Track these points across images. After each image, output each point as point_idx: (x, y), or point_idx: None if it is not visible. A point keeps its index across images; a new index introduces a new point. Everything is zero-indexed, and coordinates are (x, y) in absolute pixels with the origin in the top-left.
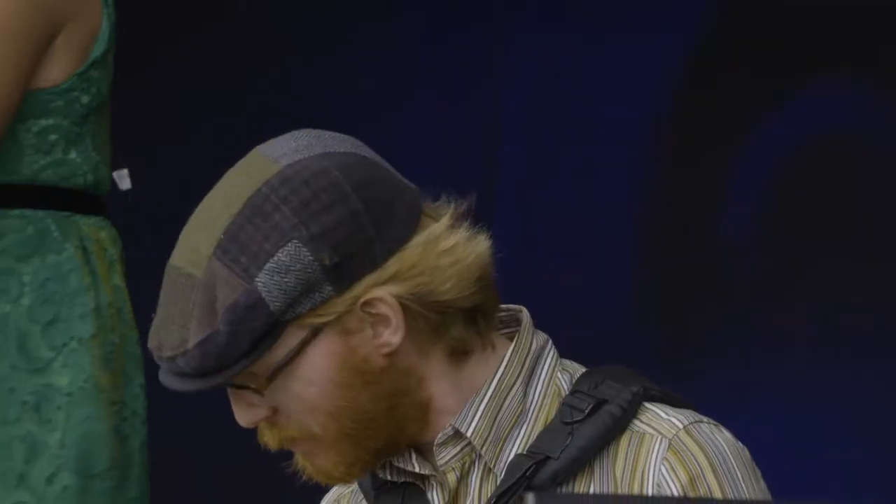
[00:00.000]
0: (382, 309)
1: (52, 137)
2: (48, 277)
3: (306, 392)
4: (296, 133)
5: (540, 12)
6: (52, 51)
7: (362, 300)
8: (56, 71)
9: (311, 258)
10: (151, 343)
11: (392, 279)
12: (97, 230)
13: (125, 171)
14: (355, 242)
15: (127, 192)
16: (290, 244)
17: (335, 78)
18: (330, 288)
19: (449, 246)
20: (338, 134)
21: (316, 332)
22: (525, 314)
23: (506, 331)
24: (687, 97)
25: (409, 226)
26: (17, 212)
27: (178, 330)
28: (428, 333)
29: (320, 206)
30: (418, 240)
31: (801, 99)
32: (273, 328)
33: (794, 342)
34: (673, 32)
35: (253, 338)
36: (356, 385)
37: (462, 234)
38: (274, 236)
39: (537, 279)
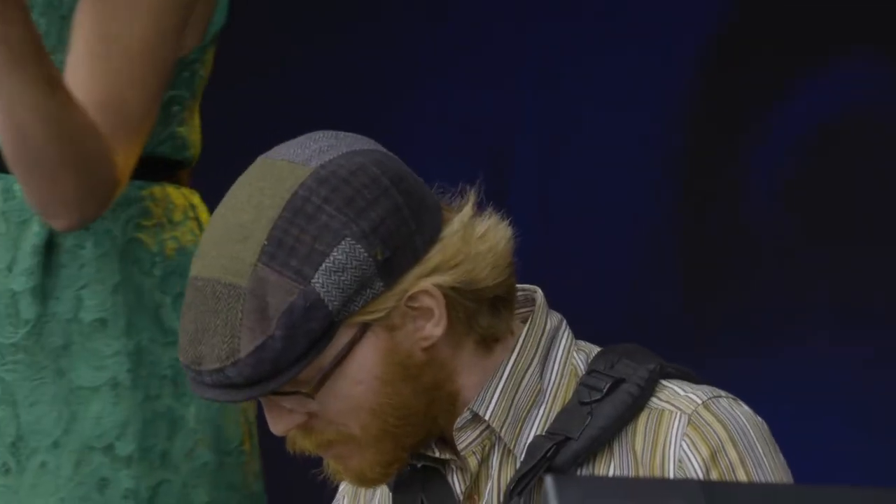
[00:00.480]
0: (426, 302)
1: (174, 109)
2: (175, 248)
3: (353, 391)
4: (311, 136)
5: None
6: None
7: (409, 293)
8: (187, 41)
9: (365, 254)
10: (185, 358)
11: (436, 270)
12: (202, 203)
13: None
14: (400, 236)
15: None
16: (343, 242)
17: (335, 78)
18: (381, 283)
19: (482, 232)
20: (350, 133)
21: (364, 329)
22: (539, 294)
23: (521, 311)
24: (708, 76)
25: (437, 215)
26: (139, 182)
27: (225, 341)
28: (463, 324)
29: (365, 202)
30: (452, 228)
31: (822, 76)
32: (329, 328)
33: (815, 324)
34: (694, 10)
35: (310, 340)
36: (399, 381)
37: (489, 220)
38: (325, 236)
39: (557, 264)
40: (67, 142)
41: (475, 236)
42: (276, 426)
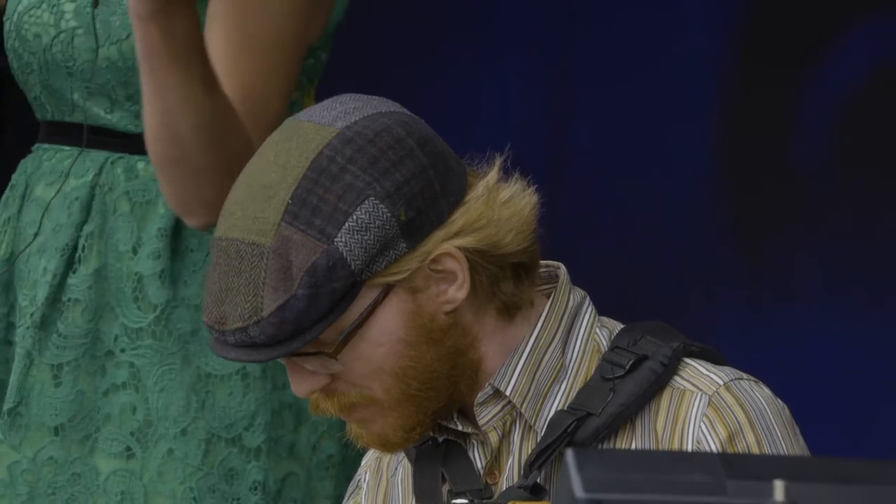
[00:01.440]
0: (449, 265)
1: (295, 95)
2: None
3: (375, 353)
4: (336, 98)
5: None
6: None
7: (432, 256)
8: (314, 29)
9: (388, 214)
10: (209, 318)
11: (459, 233)
12: None
13: None
14: (425, 197)
15: None
16: (367, 202)
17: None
18: (404, 244)
19: (507, 197)
20: (375, 96)
21: (387, 290)
22: (563, 270)
23: (543, 287)
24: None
25: (463, 179)
26: None
27: (248, 300)
28: (485, 290)
29: (389, 162)
30: (476, 192)
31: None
32: (352, 288)
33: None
34: None
35: (333, 299)
36: (422, 344)
37: (515, 185)
38: (349, 196)
39: (606, 208)
40: (218, 144)
41: (500, 201)
42: (299, 388)
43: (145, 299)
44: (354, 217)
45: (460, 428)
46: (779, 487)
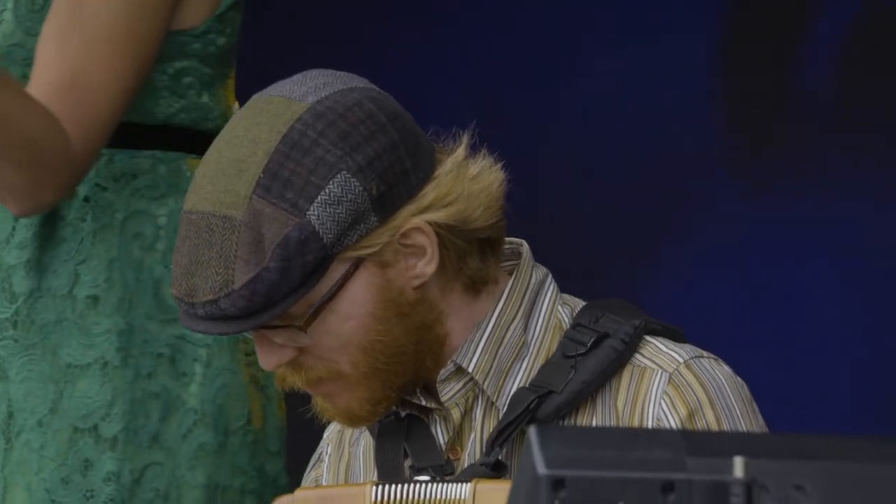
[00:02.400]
0: (419, 239)
1: (187, 80)
2: None
3: (344, 327)
4: (306, 73)
5: None
6: None
7: (402, 230)
8: (193, 12)
9: (360, 188)
10: (179, 291)
11: (429, 208)
12: None
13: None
14: (395, 172)
15: None
16: (339, 175)
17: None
18: (375, 218)
19: (476, 173)
20: (345, 72)
21: (357, 264)
22: (525, 248)
23: (507, 264)
24: None
25: (432, 155)
26: (148, 153)
27: (220, 272)
28: (453, 266)
29: (361, 137)
30: (445, 168)
31: None
32: (323, 261)
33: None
34: None
35: (304, 272)
36: (391, 318)
37: (483, 161)
38: (321, 169)
39: (600, 131)
40: (2, 133)
41: (469, 176)
42: (267, 361)
43: (10, 289)
44: (327, 190)
45: (423, 403)
46: (738, 463)
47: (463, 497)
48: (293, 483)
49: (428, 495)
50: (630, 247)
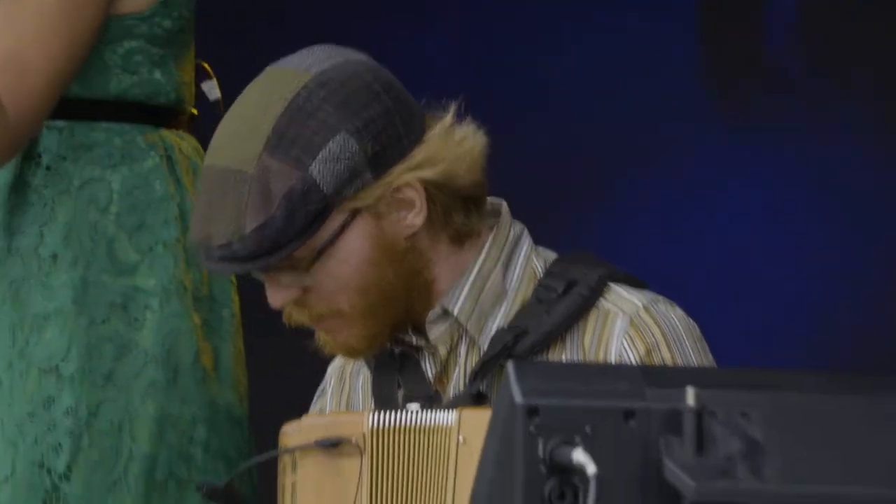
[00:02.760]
0: (409, 194)
1: (137, 59)
2: (135, 186)
3: (342, 270)
4: (311, 48)
5: None
6: None
7: (394, 185)
8: None
9: (357, 147)
10: (196, 236)
11: (419, 166)
12: (180, 141)
13: (213, 82)
14: (389, 135)
15: (217, 101)
16: (339, 135)
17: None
18: (369, 175)
19: (461, 137)
20: (344, 47)
21: (354, 215)
22: (504, 206)
23: (488, 220)
24: None
25: (422, 122)
26: (105, 125)
27: (232, 220)
28: (440, 219)
29: (359, 104)
30: (434, 132)
31: None
32: (323, 211)
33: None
34: None
35: (307, 220)
36: (384, 263)
37: (468, 128)
38: (323, 130)
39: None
40: None
41: (455, 140)
42: (274, 299)
43: None
44: (327, 149)
45: (414, 342)
46: (690, 393)
47: (449, 423)
48: (254, 411)
49: (419, 422)
50: (614, 181)
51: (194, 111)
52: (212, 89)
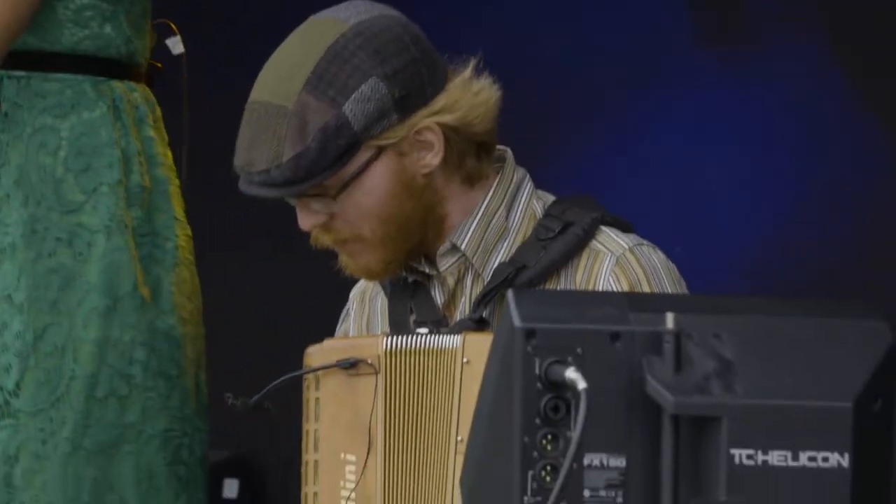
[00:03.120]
0: (429, 136)
1: (87, 14)
2: (83, 132)
3: (366, 200)
4: (351, 2)
5: None
6: None
7: (417, 128)
8: None
9: (385, 91)
10: (240, 162)
11: (439, 112)
12: (129, 92)
13: (177, 38)
14: (414, 83)
15: (181, 55)
16: (371, 80)
17: None
18: (395, 116)
19: (478, 89)
20: (380, 3)
21: (379, 152)
22: (509, 153)
23: (495, 165)
24: None
25: (445, 74)
26: (58, 76)
27: (272, 149)
28: (454, 161)
29: (389, 53)
30: (455, 83)
31: None
32: (352, 147)
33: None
34: None
35: (337, 154)
36: (404, 197)
37: (485, 81)
38: (357, 74)
39: None
40: None
41: (472, 91)
42: (304, 222)
43: None
44: (360, 91)
45: (427, 270)
46: (670, 318)
47: (455, 346)
48: (213, 333)
49: (428, 344)
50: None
51: (158, 64)
52: (175, 44)
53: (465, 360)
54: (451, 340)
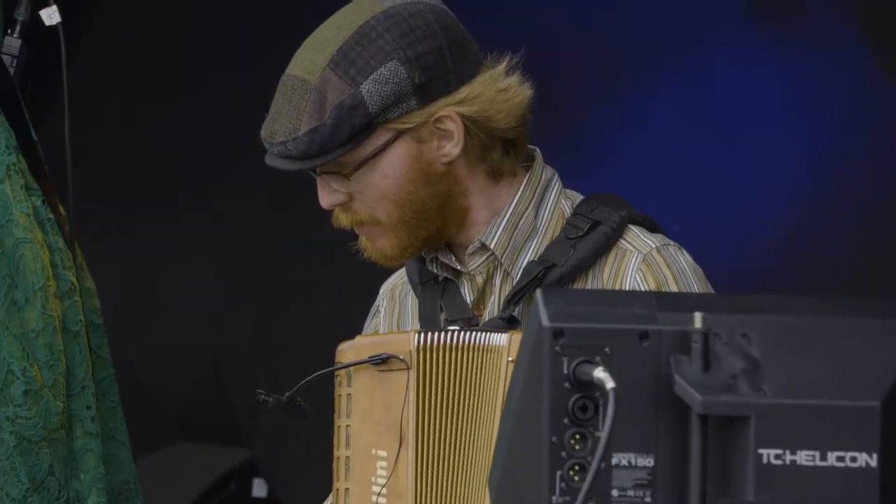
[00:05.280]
0: (449, 125)
1: None
2: None
3: (382, 182)
4: None
5: None
6: None
7: (436, 115)
8: None
9: (405, 75)
10: (265, 132)
11: (461, 102)
12: None
13: (54, 8)
14: (437, 70)
15: (58, 25)
16: (391, 62)
17: None
18: (414, 101)
19: (505, 86)
20: None
21: (397, 135)
22: (538, 152)
23: (524, 164)
24: None
25: (476, 66)
26: None
27: (291, 122)
28: (476, 153)
29: (415, 38)
30: (483, 77)
31: None
32: (367, 127)
33: None
34: None
35: (351, 132)
36: (420, 182)
37: (515, 79)
38: (379, 56)
39: None
40: None
41: (499, 87)
42: (324, 200)
43: None
44: (378, 72)
45: (458, 266)
46: (698, 317)
47: (501, 344)
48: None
49: (469, 341)
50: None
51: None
52: (52, 14)
53: (509, 358)
54: (498, 338)
